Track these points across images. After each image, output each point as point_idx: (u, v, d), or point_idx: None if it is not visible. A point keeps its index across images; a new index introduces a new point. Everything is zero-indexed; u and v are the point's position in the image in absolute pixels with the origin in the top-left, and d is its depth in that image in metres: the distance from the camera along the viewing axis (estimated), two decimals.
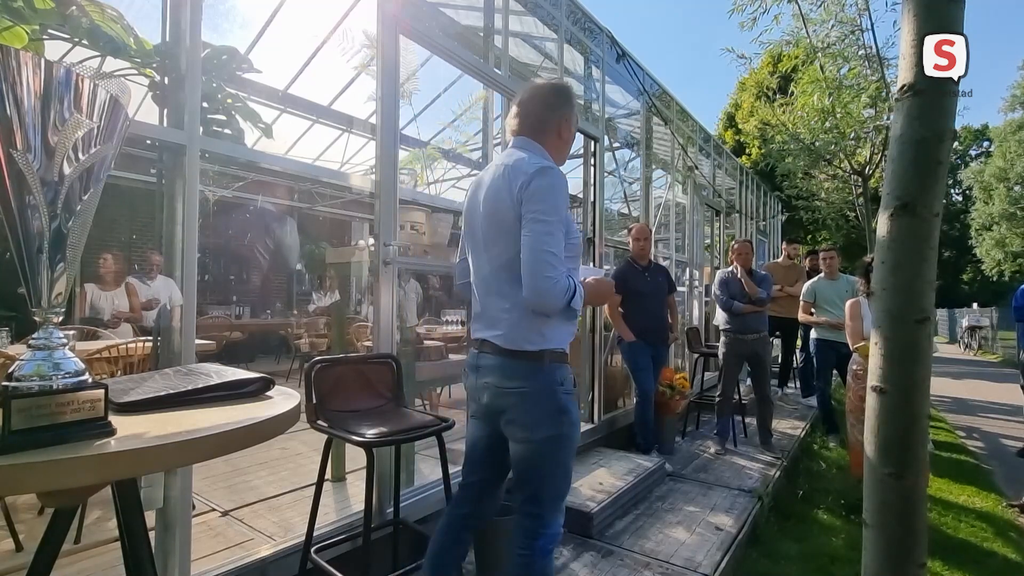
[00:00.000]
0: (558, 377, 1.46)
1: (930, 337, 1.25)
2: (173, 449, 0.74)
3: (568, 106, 1.55)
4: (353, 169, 6.97)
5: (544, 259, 1.33)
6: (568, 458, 1.49)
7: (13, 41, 1.41)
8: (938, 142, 1.20)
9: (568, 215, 1.43)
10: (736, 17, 5.12)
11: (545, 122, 1.53)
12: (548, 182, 1.37)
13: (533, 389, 1.43)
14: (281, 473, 2.99)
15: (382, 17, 2.25)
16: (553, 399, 1.44)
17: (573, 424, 1.48)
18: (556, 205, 1.37)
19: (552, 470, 1.46)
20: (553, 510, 1.49)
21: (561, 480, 1.49)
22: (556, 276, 1.33)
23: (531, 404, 1.43)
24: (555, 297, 1.34)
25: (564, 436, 1.45)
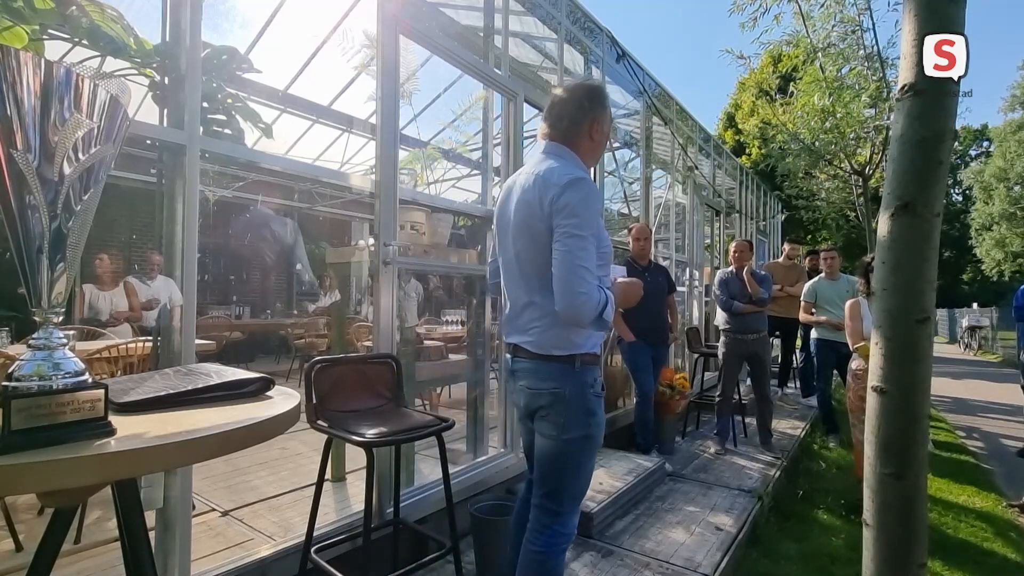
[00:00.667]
0: (588, 379, 1.48)
1: (931, 337, 1.25)
2: (173, 449, 0.74)
3: (599, 107, 1.53)
4: (353, 169, 6.97)
5: (578, 274, 1.34)
6: (591, 459, 1.53)
7: (13, 41, 1.41)
8: (939, 142, 1.20)
9: (600, 224, 1.44)
10: (736, 17, 5.13)
11: (577, 124, 1.51)
12: (580, 195, 1.37)
13: (565, 391, 1.47)
14: (281, 473, 2.99)
15: (382, 17, 2.25)
16: (583, 401, 1.47)
17: (599, 425, 1.51)
18: (588, 219, 1.37)
19: (575, 470, 1.50)
20: (571, 509, 1.52)
21: (583, 480, 1.53)
22: (589, 291, 1.34)
23: (563, 405, 1.47)
24: (589, 311, 1.34)
25: (591, 437, 1.49)
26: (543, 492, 1.52)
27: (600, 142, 1.57)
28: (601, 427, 1.52)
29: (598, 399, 1.51)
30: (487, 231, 2.90)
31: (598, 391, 1.51)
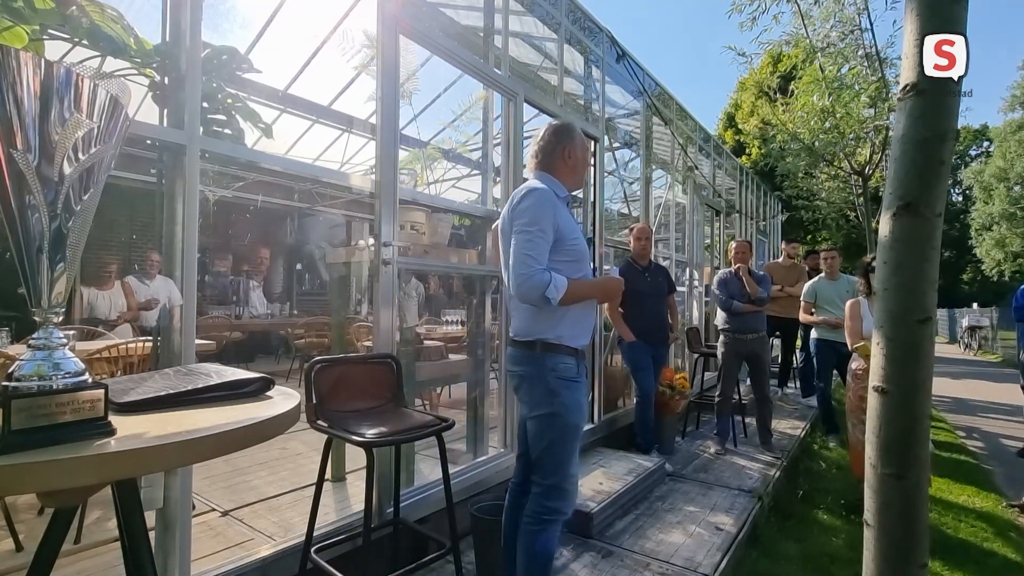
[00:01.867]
0: (549, 363, 1.69)
1: (932, 337, 1.25)
2: (173, 449, 0.73)
3: (568, 138, 1.84)
4: (353, 169, 6.97)
5: (521, 260, 1.61)
6: (563, 439, 1.69)
7: (13, 41, 1.41)
8: (940, 142, 1.20)
9: (562, 224, 1.67)
10: (736, 17, 5.12)
11: (552, 155, 1.83)
12: (531, 200, 1.67)
13: (527, 372, 1.73)
14: (281, 473, 2.99)
15: (382, 17, 2.25)
16: (544, 382, 1.69)
17: (566, 407, 1.68)
18: (536, 218, 1.63)
19: (547, 446, 1.69)
20: (549, 484, 1.69)
21: (557, 458, 1.69)
22: (531, 272, 1.59)
23: (527, 385, 1.74)
24: (530, 289, 1.59)
25: (556, 415, 1.68)
26: (534, 467, 1.75)
27: (575, 164, 1.85)
28: (571, 409, 1.68)
29: (564, 382, 1.69)
30: (487, 231, 2.90)
31: (564, 375, 1.69)
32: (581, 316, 1.77)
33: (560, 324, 1.72)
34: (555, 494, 1.69)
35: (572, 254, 1.72)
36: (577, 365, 1.74)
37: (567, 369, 1.70)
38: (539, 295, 1.59)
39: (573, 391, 1.71)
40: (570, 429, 1.70)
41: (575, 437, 1.72)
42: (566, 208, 1.81)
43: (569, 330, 1.73)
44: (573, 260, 1.72)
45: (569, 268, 1.70)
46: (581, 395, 1.75)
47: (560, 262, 1.70)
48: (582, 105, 4.04)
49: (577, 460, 1.75)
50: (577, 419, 1.71)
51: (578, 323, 1.76)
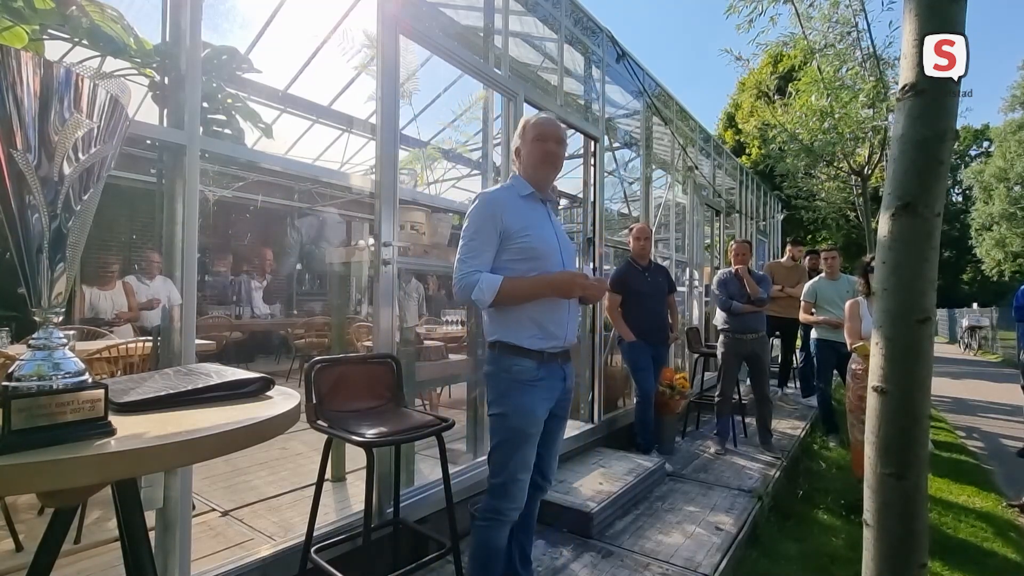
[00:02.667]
0: (504, 364, 1.70)
1: (931, 337, 1.25)
2: (173, 449, 0.74)
3: (519, 135, 1.84)
4: (353, 169, 6.97)
5: (457, 264, 1.68)
6: (509, 441, 1.68)
7: (13, 41, 1.41)
8: (939, 142, 1.20)
9: (511, 223, 1.68)
10: (735, 18, 5.13)
11: (515, 156, 1.87)
12: (472, 207, 1.72)
13: (488, 372, 1.75)
14: (281, 473, 2.99)
15: (382, 17, 2.25)
16: (497, 381, 1.71)
17: (513, 408, 1.67)
18: (473, 223, 1.69)
19: (497, 443, 1.71)
20: (499, 484, 1.70)
21: (504, 454, 1.70)
22: (460, 275, 1.65)
23: (487, 384, 1.76)
24: (460, 291, 1.65)
25: (503, 416, 1.69)
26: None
27: (528, 159, 1.81)
28: (517, 413, 1.67)
29: (516, 384, 1.68)
30: None
31: (518, 377, 1.68)
32: (539, 316, 1.70)
33: (515, 325, 1.70)
34: (499, 493, 1.68)
35: (522, 252, 1.69)
36: (538, 367, 1.69)
37: (521, 371, 1.68)
38: (467, 296, 1.62)
39: (524, 394, 1.67)
40: (515, 433, 1.67)
41: (523, 441, 1.68)
42: (533, 205, 1.78)
43: (525, 330, 1.69)
44: (524, 259, 1.68)
45: (521, 267, 1.68)
46: (533, 399, 1.69)
47: (510, 261, 1.68)
48: (582, 105, 4.04)
49: (528, 465, 1.70)
50: (523, 423, 1.67)
51: (536, 323, 1.70)
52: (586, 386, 3.84)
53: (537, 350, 1.69)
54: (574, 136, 7.14)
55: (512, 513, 1.69)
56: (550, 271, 1.71)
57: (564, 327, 1.76)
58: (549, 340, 1.72)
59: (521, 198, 1.76)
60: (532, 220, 1.73)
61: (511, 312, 1.69)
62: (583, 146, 4.04)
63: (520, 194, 1.77)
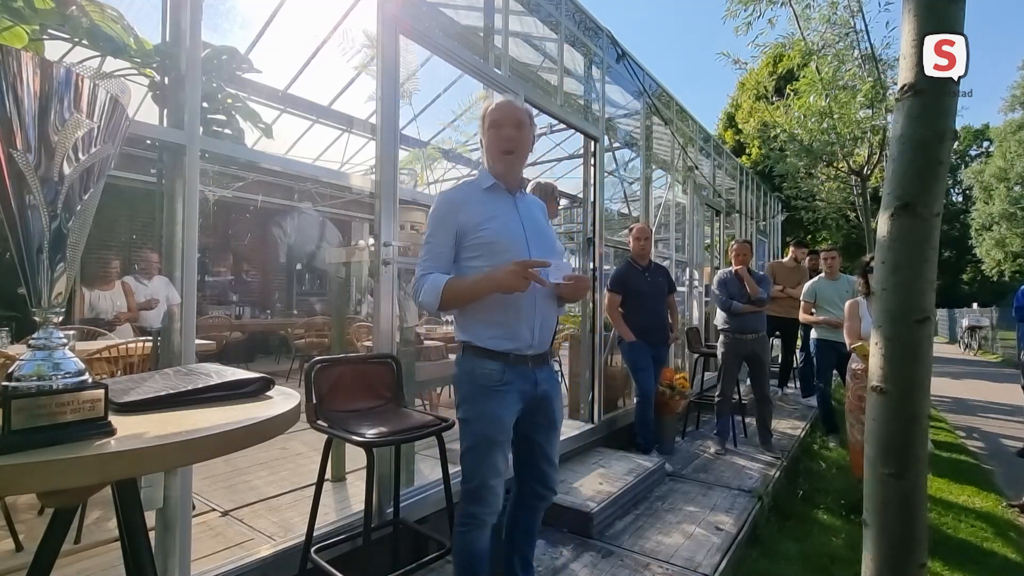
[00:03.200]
0: (469, 367, 1.62)
1: (930, 337, 1.25)
2: (173, 449, 0.74)
3: (481, 121, 1.72)
4: (353, 169, 6.97)
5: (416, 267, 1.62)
6: (472, 443, 1.60)
7: (13, 41, 1.41)
8: (938, 142, 1.20)
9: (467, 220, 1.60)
10: (732, 22, 5.14)
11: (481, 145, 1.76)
12: (432, 208, 1.65)
13: (455, 374, 1.67)
14: (281, 473, 2.99)
15: (382, 17, 2.25)
16: (462, 386, 1.63)
17: (478, 414, 1.59)
18: (431, 224, 1.64)
19: (465, 449, 1.62)
20: (471, 489, 1.60)
21: (471, 459, 1.60)
22: (414, 278, 1.61)
23: (455, 386, 1.68)
24: (412, 295, 1.63)
25: (466, 421, 1.62)
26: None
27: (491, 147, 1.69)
28: (480, 417, 1.59)
29: (478, 389, 1.59)
30: None
31: (480, 381, 1.59)
32: (500, 316, 1.58)
33: (479, 325, 1.61)
34: (472, 498, 1.60)
35: (479, 248, 1.59)
36: (503, 371, 1.58)
37: (484, 376, 1.59)
38: (415, 301, 1.60)
39: (486, 399, 1.58)
40: (481, 439, 1.58)
41: (488, 448, 1.58)
42: (497, 196, 1.67)
43: (485, 331, 1.60)
44: (482, 255, 1.58)
45: (480, 263, 1.58)
46: (498, 405, 1.58)
47: (469, 259, 1.60)
48: (582, 105, 4.04)
49: (499, 471, 1.60)
50: (489, 430, 1.58)
51: (498, 324, 1.59)
52: (586, 386, 3.84)
53: (502, 351, 1.59)
54: (574, 136, 7.13)
55: (488, 518, 1.61)
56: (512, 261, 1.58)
57: (531, 327, 1.62)
58: (514, 341, 1.60)
59: (483, 191, 1.66)
60: (493, 212, 1.62)
61: (474, 312, 1.60)
62: (583, 146, 4.04)
63: (482, 187, 1.67)
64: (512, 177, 1.70)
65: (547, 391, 1.69)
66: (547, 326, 1.67)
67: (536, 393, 1.65)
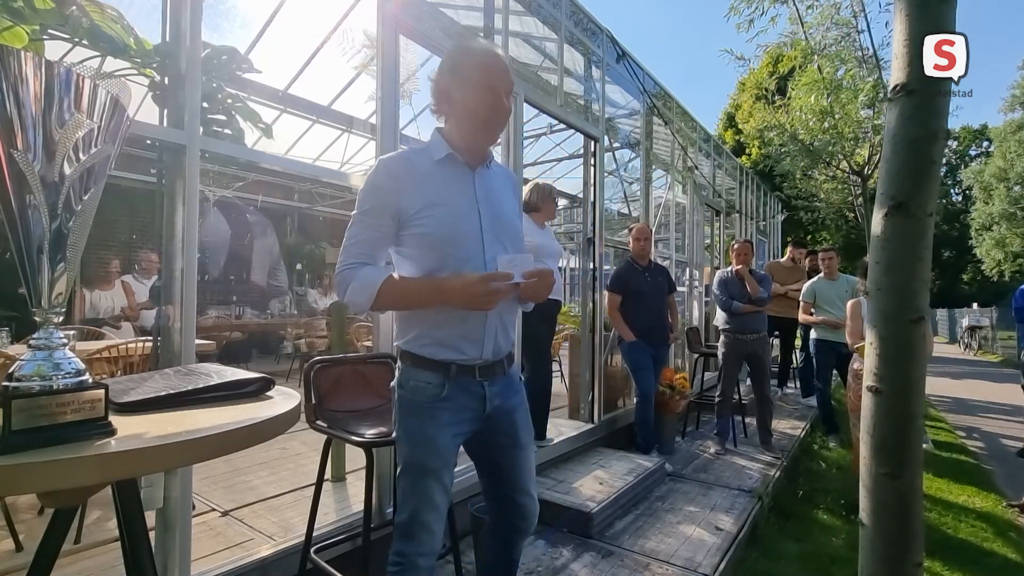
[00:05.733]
0: (401, 378, 1.34)
1: (924, 337, 1.25)
2: (173, 449, 0.74)
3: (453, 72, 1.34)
4: (353, 169, 6.98)
5: (341, 252, 1.29)
6: (403, 469, 1.32)
7: (13, 41, 1.41)
8: (931, 142, 1.20)
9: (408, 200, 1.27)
10: (735, 19, 5.14)
11: (438, 103, 1.37)
12: (367, 176, 1.31)
13: (392, 385, 1.39)
14: (281, 473, 2.99)
15: (382, 17, 2.26)
16: (395, 399, 1.36)
17: (407, 436, 1.31)
18: (362, 199, 1.28)
19: (398, 474, 1.34)
20: (400, 522, 1.32)
21: (402, 487, 1.32)
22: (340, 268, 1.27)
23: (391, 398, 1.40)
24: (337, 288, 1.28)
25: (398, 441, 1.35)
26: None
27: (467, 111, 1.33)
28: (411, 440, 1.31)
29: (412, 406, 1.31)
30: None
31: (415, 396, 1.31)
32: (441, 316, 1.29)
33: (411, 328, 1.33)
34: (401, 534, 1.31)
35: (420, 240, 1.28)
36: (442, 385, 1.30)
37: (419, 389, 1.30)
38: (341, 296, 1.26)
39: (422, 418, 1.30)
40: (410, 465, 1.30)
41: (418, 476, 1.29)
42: (451, 172, 1.33)
43: (423, 336, 1.31)
44: (424, 248, 1.28)
45: (423, 258, 1.29)
46: (435, 426, 1.30)
47: (409, 252, 1.31)
48: (582, 105, 4.04)
49: (434, 505, 1.31)
50: (419, 456, 1.29)
51: (437, 326, 1.30)
52: (586, 386, 3.84)
53: (442, 361, 1.30)
54: (574, 136, 7.13)
55: (421, 560, 1.30)
56: (460, 259, 1.28)
57: (482, 333, 1.32)
58: (459, 351, 1.31)
59: (435, 163, 1.32)
60: (441, 194, 1.29)
61: (412, 314, 1.32)
62: (583, 146, 4.04)
63: (434, 158, 1.32)
64: (482, 150, 1.38)
65: (502, 405, 1.39)
66: (505, 332, 1.39)
67: (489, 410, 1.37)
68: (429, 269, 1.28)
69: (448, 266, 1.27)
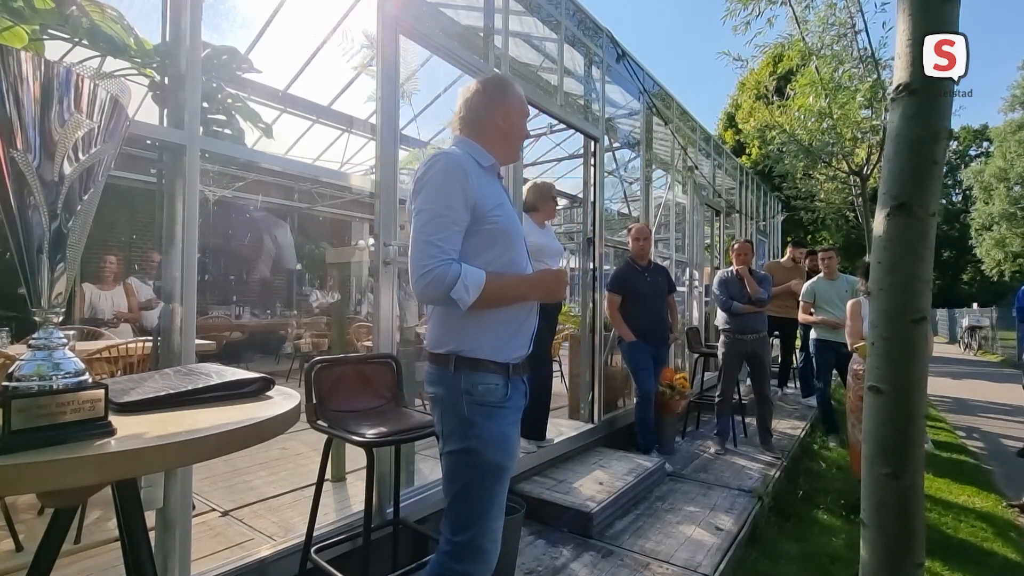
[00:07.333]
0: (464, 385, 1.31)
1: (926, 337, 1.25)
2: (173, 449, 0.74)
3: (502, 95, 1.46)
4: (353, 169, 6.97)
5: (421, 247, 1.25)
6: (480, 481, 1.30)
7: (13, 41, 1.41)
8: (934, 142, 1.20)
9: (480, 196, 1.31)
10: (731, 21, 5.14)
11: (479, 115, 1.45)
12: (430, 171, 1.30)
13: (441, 396, 1.34)
14: (281, 473, 2.99)
15: (382, 17, 2.25)
16: (458, 409, 1.31)
17: (484, 441, 1.29)
18: (441, 191, 1.28)
19: (459, 492, 1.31)
20: (466, 541, 1.29)
21: (477, 501, 1.30)
22: (433, 264, 1.23)
23: (441, 412, 1.35)
24: (430, 286, 1.23)
25: (471, 452, 1.30)
26: (443, 517, 1.36)
27: (510, 130, 1.47)
28: (492, 444, 1.30)
29: (484, 409, 1.31)
30: None
31: (483, 400, 1.31)
32: (512, 319, 1.36)
33: (482, 331, 1.33)
34: (467, 555, 1.29)
35: (491, 236, 1.33)
36: (506, 386, 1.34)
37: (488, 392, 1.31)
38: (442, 294, 1.23)
39: (496, 420, 1.32)
40: (491, 470, 1.30)
41: (498, 480, 1.32)
42: (491, 179, 1.43)
43: (495, 339, 1.34)
44: (493, 246, 1.34)
45: (486, 255, 1.32)
46: (508, 425, 1.35)
47: (474, 247, 1.32)
48: (582, 105, 4.04)
49: (503, 508, 1.35)
50: (501, 457, 1.32)
51: (509, 329, 1.36)
52: (586, 386, 3.84)
53: (503, 363, 1.34)
54: (574, 136, 7.13)
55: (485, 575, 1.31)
56: (520, 253, 1.40)
57: (530, 332, 1.44)
58: (517, 351, 1.39)
59: (482, 168, 1.40)
60: (498, 195, 1.39)
61: (475, 314, 1.30)
62: (583, 146, 4.04)
63: (482, 164, 1.41)
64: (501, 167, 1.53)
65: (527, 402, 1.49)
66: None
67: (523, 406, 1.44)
68: (486, 263, 1.31)
69: (509, 261, 1.36)
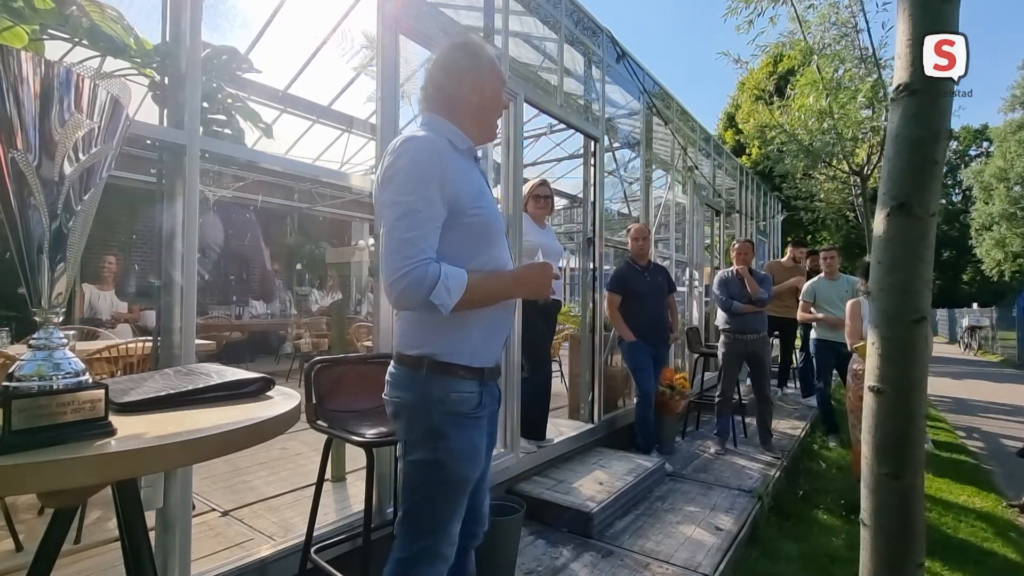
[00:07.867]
0: (436, 392, 1.19)
1: (927, 337, 1.25)
2: (173, 449, 0.74)
3: (473, 66, 1.27)
4: (353, 169, 6.98)
5: (392, 247, 1.11)
6: (442, 494, 1.21)
7: (13, 41, 1.41)
8: (934, 142, 1.20)
9: (458, 187, 1.17)
10: (733, 20, 5.14)
11: (447, 89, 1.27)
12: (403, 157, 1.14)
13: (407, 402, 1.23)
14: (281, 473, 2.99)
15: (382, 17, 2.25)
16: (427, 416, 1.20)
17: (454, 453, 1.20)
18: (415, 182, 1.12)
19: (421, 501, 1.22)
20: (424, 548, 1.22)
21: (438, 511, 1.22)
22: (410, 265, 1.09)
23: (405, 419, 1.24)
24: (408, 289, 1.09)
25: (438, 464, 1.20)
26: (397, 524, 1.28)
27: (483, 104, 1.28)
28: (461, 456, 1.21)
29: (456, 419, 1.20)
30: None
31: (456, 408, 1.20)
32: (493, 320, 1.25)
33: (461, 333, 1.21)
34: (426, 560, 1.22)
35: (471, 230, 1.20)
36: (480, 393, 1.24)
37: (462, 400, 1.21)
38: (421, 299, 1.10)
39: (468, 431, 1.22)
40: (458, 482, 1.22)
41: (463, 491, 1.24)
42: (469, 164, 1.27)
43: (473, 342, 1.22)
44: (473, 239, 1.21)
45: (465, 252, 1.19)
46: (478, 435, 1.25)
47: (452, 244, 1.17)
48: (582, 105, 4.04)
49: (462, 516, 1.27)
50: (468, 470, 1.23)
51: (489, 331, 1.25)
52: (586, 386, 3.84)
53: (478, 368, 1.24)
54: (574, 136, 7.12)
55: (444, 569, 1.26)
56: (502, 249, 1.28)
57: (506, 335, 1.34)
58: (494, 354, 1.29)
59: (458, 152, 1.24)
60: (477, 184, 1.24)
61: (459, 314, 1.16)
62: (583, 146, 4.04)
63: (457, 146, 1.25)
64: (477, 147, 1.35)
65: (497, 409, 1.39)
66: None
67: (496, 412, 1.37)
68: (465, 261, 1.18)
69: (492, 258, 1.23)
